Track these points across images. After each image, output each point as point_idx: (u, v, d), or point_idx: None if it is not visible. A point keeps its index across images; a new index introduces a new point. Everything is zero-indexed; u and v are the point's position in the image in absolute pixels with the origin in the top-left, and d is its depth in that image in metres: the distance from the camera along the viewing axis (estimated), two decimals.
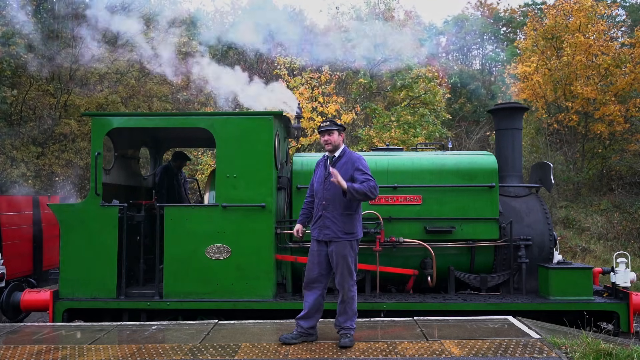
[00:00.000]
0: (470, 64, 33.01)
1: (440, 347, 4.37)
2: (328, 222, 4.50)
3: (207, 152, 15.61)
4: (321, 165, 4.73)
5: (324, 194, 4.54)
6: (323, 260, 4.60)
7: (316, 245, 4.62)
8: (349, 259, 4.50)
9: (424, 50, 19.67)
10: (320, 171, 4.70)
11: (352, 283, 4.54)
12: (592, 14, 17.32)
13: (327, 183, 4.54)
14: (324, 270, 4.61)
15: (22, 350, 4.59)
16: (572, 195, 17.13)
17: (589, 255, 13.32)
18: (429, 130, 17.30)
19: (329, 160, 4.67)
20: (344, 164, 4.55)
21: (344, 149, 4.67)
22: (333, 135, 4.60)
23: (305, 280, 4.66)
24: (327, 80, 15.87)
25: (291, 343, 4.56)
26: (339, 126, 4.64)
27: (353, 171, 4.48)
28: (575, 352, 4.09)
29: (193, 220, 5.91)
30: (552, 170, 6.71)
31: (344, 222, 4.49)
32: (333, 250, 4.51)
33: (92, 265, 5.91)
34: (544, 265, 6.07)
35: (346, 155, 4.61)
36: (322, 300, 4.66)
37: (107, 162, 6.66)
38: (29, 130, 15.69)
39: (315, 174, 4.79)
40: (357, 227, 4.58)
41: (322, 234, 4.54)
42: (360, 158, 4.59)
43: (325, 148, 4.67)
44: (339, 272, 4.52)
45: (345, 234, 4.49)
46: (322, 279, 4.63)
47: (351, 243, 4.53)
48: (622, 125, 16.69)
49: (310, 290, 4.63)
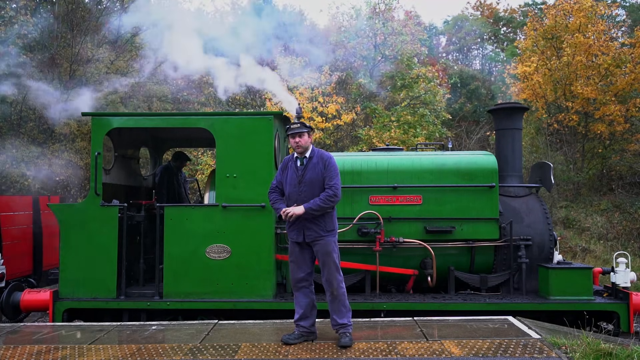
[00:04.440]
0: (470, 64, 33.01)
1: (440, 347, 4.37)
2: (308, 224, 4.51)
3: (207, 152, 15.61)
4: (290, 167, 4.66)
5: (300, 196, 4.52)
6: (307, 260, 4.64)
7: (297, 247, 4.63)
8: (333, 255, 4.54)
9: (424, 50, 19.68)
10: (290, 173, 4.63)
11: (340, 279, 4.57)
12: (592, 14, 17.30)
13: (302, 186, 4.54)
14: (309, 269, 4.67)
15: (22, 350, 4.59)
16: (572, 195, 17.13)
17: (589, 255, 13.32)
18: (429, 130, 17.30)
19: (300, 161, 4.63)
20: (316, 164, 4.56)
21: (313, 149, 4.68)
22: (304, 137, 4.59)
23: (293, 282, 4.71)
24: (327, 81, 15.88)
25: (293, 343, 4.58)
26: (308, 128, 4.65)
27: (325, 170, 4.51)
28: (575, 352, 4.09)
29: (193, 220, 5.91)
30: (552, 170, 6.71)
31: (324, 221, 4.53)
32: (318, 250, 4.55)
33: (92, 265, 5.91)
34: (544, 265, 6.07)
35: (316, 155, 4.61)
36: (314, 297, 4.71)
37: (107, 162, 6.66)
38: (29, 130, 15.69)
39: (283, 174, 4.70)
40: (335, 222, 4.64)
41: (303, 235, 4.55)
42: (331, 158, 4.61)
43: (295, 150, 4.64)
44: (326, 270, 4.54)
45: (327, 232, 4.54)
46: (309, 277, 4.69)
47: (334, 239, 4.59)
48: (622, 125, 16.68)
49: (299, 290, 4.67)
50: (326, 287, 4.59)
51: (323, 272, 4.56)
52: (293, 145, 4.61)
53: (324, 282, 4.59)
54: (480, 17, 31.87)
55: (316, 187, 4.51)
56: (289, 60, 16.04)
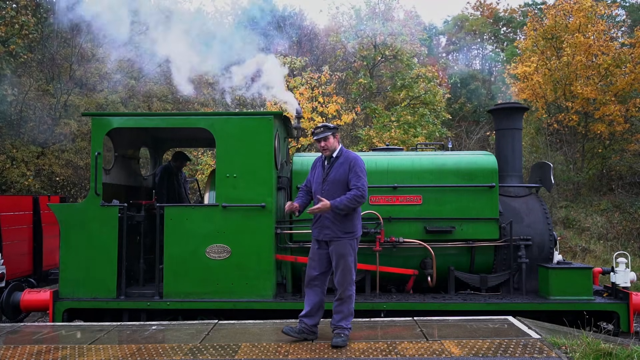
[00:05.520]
0: (470, 64, 33.00)
1: (440, 347, 4.37)
2: (328, 222, 4.53)
3: (207, 152, 15.61)
4: (318, 165, 4.76)
5: (323, 194, 4.56)
6: (324, 259, 4.63)
7: (317, 244, 4.67)
8: (348, 258, 4.52)
9: (424, 50, 19.66)
10: (318, 171, 4.73)
11: (351, 282, 4.55)
12: (592, 14, 17.30)
13: (325, 184, 4.58)
14: (324, 269, 4.65)
15: (22, 350, 4.59)
16: (572, 195, 17.13)
17: (589, 255, 13.32)
18: (429, 130, 17.30)
19: (327, 160, 4.69)
20: (341, 164, 4.59)
21: (341, 149, 4.71)
22: (329, 140, 4.62)
23: (306, 279, 4.70)
24: (327, 81, 15.87)
25: (291, 335, 4.60)
26: (332, 129, 4.67)
27: (350, 172, 4.53)
28: (575, 352, 4.09)
29: (193, 220, 5.91)
30: (552, 170, 6.71)
31: (344, 222, 4.52)
32: (333, 250, 4.54)
33: (92, 265, 5.91)
34: (544, 265, 6.07)
35: (343, 155, 4.65)
36: (324, 298, 4.69)
37: (107, 162, 6.66)
38: (29, 130, 15.69)
39: (312, 173, 4.83)
40: (356, 225, 4.61)
41: (322, 234, 4.57)
42: (357, 159, 4.61)
43: (323, 154, 4.70)
44: (339, 271, 4.53)
45: (345, 234, 4.52)
46: (323, 277, 4.67)
47: (351, 242, 4.55)
48: (622, 125, 16.69)
49: (311, 288, 4.67)
50: (336, 287, 4.59)
51: (336, 272, 4.56)
52: (320, 150, 4.67)
53: (335, 283, 4.58)
54: (480, 17, 31.84)
55: (339, 187, 4.52)
56: (289, 61, 16.04)
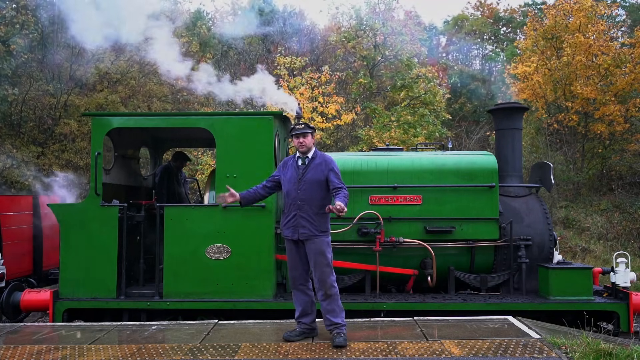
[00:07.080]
0: (470, 64, 32.99)
1: (440, 347, 4.37)
2: (304, 222, 4.56)
3: (207, 152, 15.61)
4: (290, 165, 4.74)
5: (299, 194, 4.58)
6: (303, 257, 4.68)
7: (293, 245, 4.70)
8: (327, 254, 4.58)
9: (424, 50, 19.66)
10: (291, 171, 4.70)
11: (333, 279, 4.60)
12: (592, 14, 17.29)
13: (301, 184, 4.60)
14: (306, 266, 4.71)
15: (22, 350, 4.59)
16: (572, 195, 17.12)
17: (589, 255, 13.31)
18: (429, 130, 17.30)
19: (301, 161, 4.70)
20: (318, 164, 4.64)
21: (315, 150, 4.77)
22: (307, 137, 4.68)
23: (291, 281, 4.77)
24: (327, 81, 15.87)
25: (294, 340, 4.63)
26: (312, 129, 4.75)
27: (327, 172, 4.60)
28: (575, 352, 4.09)
29: (193, 220, 5.91)
30: (552, 170, 6.71)
31: (319, 221, 4.58)
32: (311, 249, 4.58)
33: (92, 265, 5.92)
34: (544, 265, 6.07)
35: (319, 157, 4.71)
36: (312, 294, 4.76)
37: (107, 162, 6.66)
38: (29, 130, 15.68)
39: (283, 172, 4.78)
40: (328, 224, 4.71)
41: (297, 233, 4.59)
42: (333, 160, 4.74)
43: (299, 150, 4.72)
44: (318, 270, 4.57)
45: (321, 232, 4.58)
46: (305, 275, 4.75)
47: (327, 240, 4.64)
48: (622, 125, 16.68)
49: (296, 288, 4.74)
50: (319, 287, 4.60)
51: (315, 272, 4.59)
52: (297, 145, 4.68)
53: (316, 282, 4.61)
54: (480, 17, 31.83)
55: (316, 187, 4.58)
56: (290, 61, 16.04)
